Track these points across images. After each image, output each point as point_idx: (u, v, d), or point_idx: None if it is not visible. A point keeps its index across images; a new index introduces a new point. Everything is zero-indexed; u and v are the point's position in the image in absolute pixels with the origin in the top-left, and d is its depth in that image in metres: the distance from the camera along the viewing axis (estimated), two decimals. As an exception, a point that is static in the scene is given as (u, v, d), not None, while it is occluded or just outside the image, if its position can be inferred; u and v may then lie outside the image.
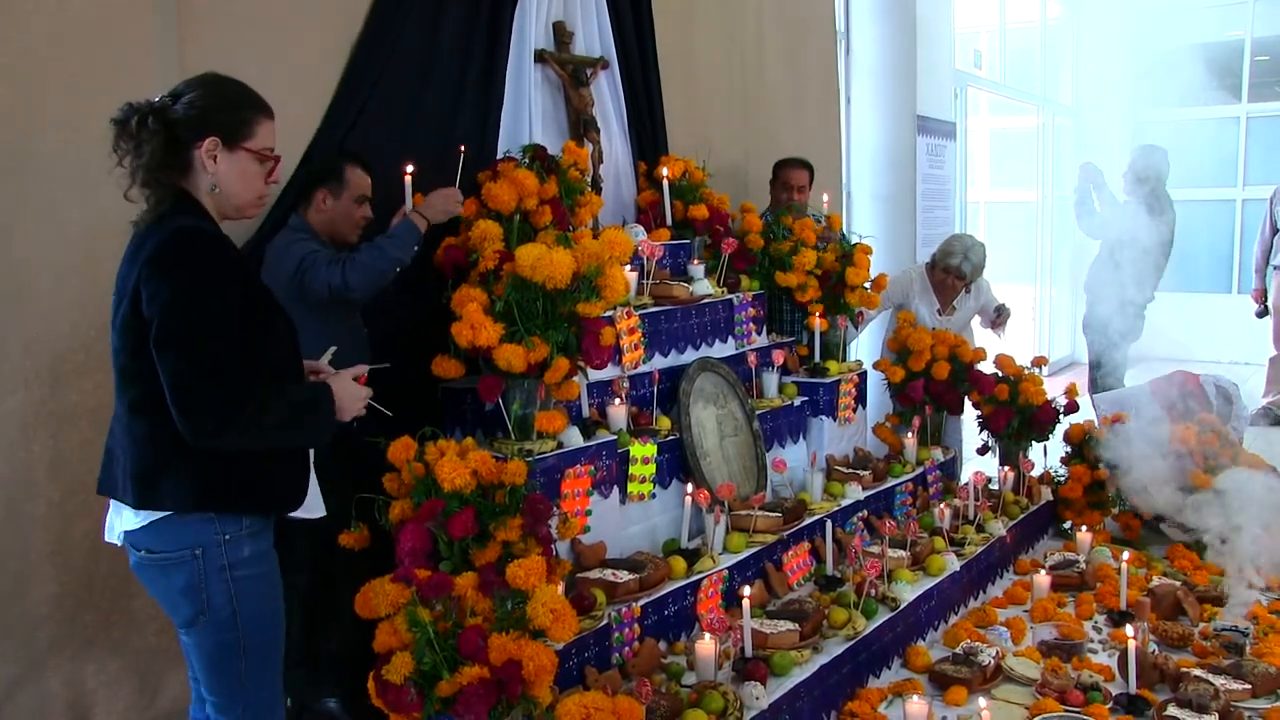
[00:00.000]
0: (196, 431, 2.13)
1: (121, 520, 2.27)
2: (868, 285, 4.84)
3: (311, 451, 2.41)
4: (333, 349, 2.61)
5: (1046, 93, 10.70)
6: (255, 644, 2.31)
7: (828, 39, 6.38)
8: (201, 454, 2.17)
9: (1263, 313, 7.88)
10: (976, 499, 4.52)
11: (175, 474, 2.19)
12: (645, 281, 3.99)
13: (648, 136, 4.67)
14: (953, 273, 5.37)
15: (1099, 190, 6.67)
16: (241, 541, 2.27)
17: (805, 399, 4.56)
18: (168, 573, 2.24)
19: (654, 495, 3.72)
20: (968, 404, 5.16)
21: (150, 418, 2.18)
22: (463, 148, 3.53)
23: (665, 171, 4.41)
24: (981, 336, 5.69)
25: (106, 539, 2.34)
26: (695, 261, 4.34)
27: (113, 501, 2.31)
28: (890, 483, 4.56)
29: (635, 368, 3.83)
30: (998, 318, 5.54)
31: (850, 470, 4.47)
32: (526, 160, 3.70)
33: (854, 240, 4.92)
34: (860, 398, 4.82)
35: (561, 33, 4.17)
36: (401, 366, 2.94)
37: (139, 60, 2.92)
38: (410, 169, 3.41)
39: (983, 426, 5.17)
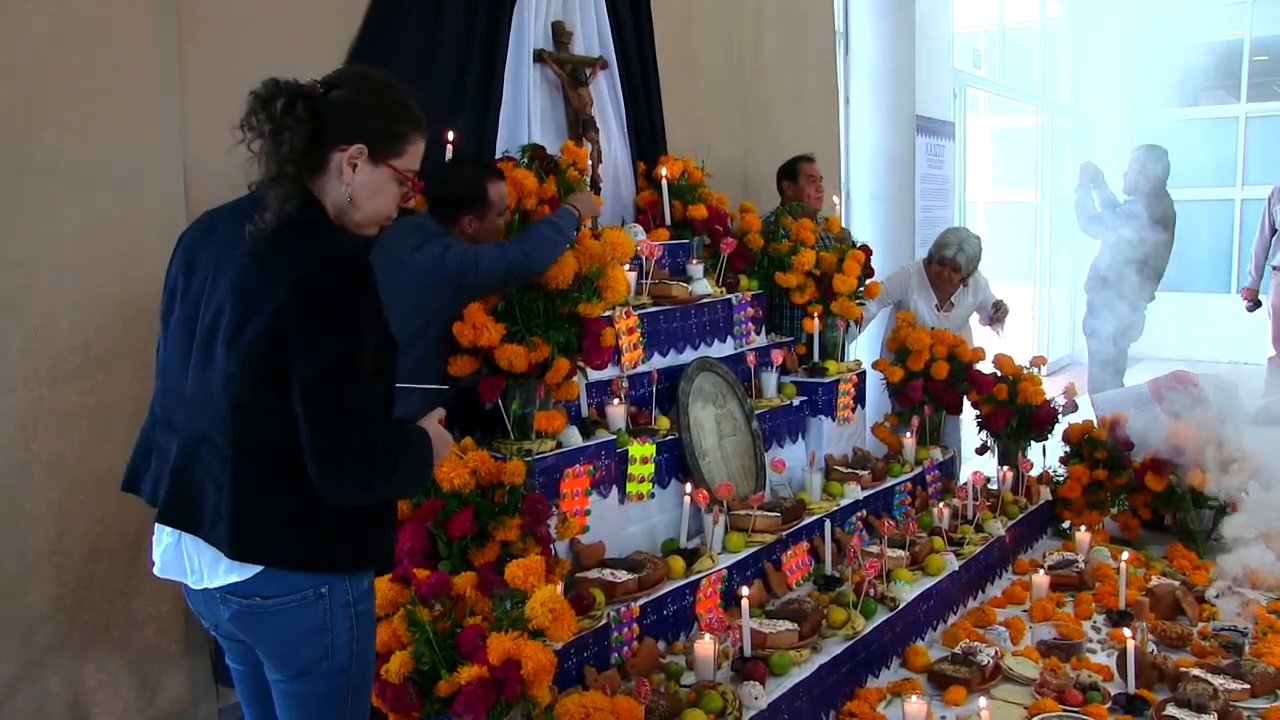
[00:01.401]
0: (341, 489, 1.90)
1: (221, 568, 1.94)
2: (859, 292, 4.80)
3: None
4: (446, 389, 2.64)
5: (1045, 92, 10.70)
6: (359, 684, 2.08)
7: (827, 39, 6.38)
8: (322, 510, 1.92)
9: (1253, 308, 7.87)
10: (975, 499, 4.52)
11: (291, 531, 1.92)
12: (644, 281, 3.99)
13: (646, 136, 4.67)
14: (948, 265, 5.37)
15: (1099, 190, 6.67)
16: (360, 576, 2.04)
17: (804, 399, 4.56)
18: (289, 617, 1.95)
19: (653, 495, 3.72)
20: (966, 404, 5.17)
21: (266, 464, 1.90)
22: (451, 135, 3.51)
23: (664, 171, 4.41)
24: (981, 335, 5.69)
25: (189, 583, 2.01)
26: (694, 261, 4.34)
27: (189, 538, 1.97)
28: (889, 482, 4.56)
29: (634, 367, 3.83)
30: (996, 314, 5.55)
31: (849, 470, 4.47)
32: (525, 160, 3.71)
33: (857, 242, 4.92)
34: (859, 397, 4.83)
35: (560, 33, 4.17)
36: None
37: (139, 60, 2.92)
38: (451, 135, 3.45)
39: (981, 426, 5.17)
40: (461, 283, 3.07)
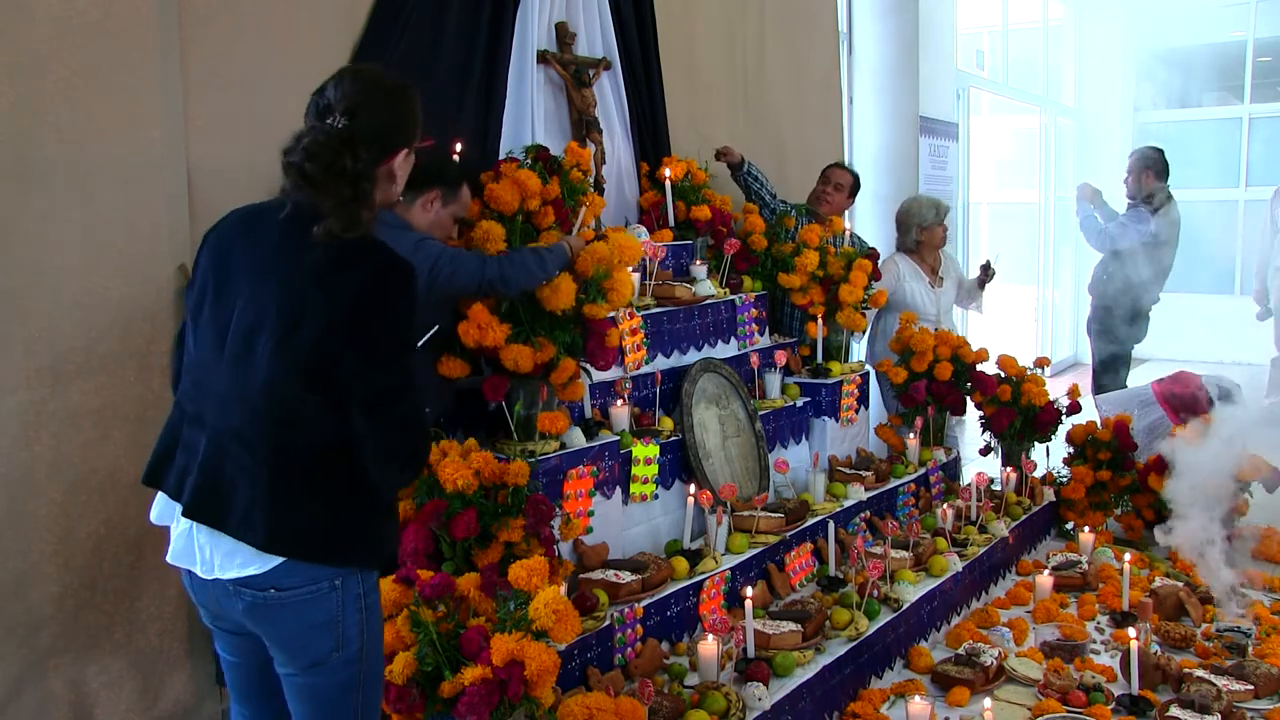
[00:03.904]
0: (400, 483, 2.16)
1: (235, 561, 1.99)
2: (864, 301, 4.80)
3: None
4: (435, 327, 2.63)
5: (1049, 93, 10.69)
6: (371, 676, 2.14)
7: (830, 39, 6.37)
8: (351, 507, 2.03)
9: (1265, 315, 7.87)
10: (979, 500, 4.52)
11: (324, 527, 2.00)
12: (648, 282, 3.99)
13: (650, 137, 4.67)
14: (939, 223, 5.54)
15: (1099, 208, 6.68)
16: (371, 570, 2.13)
17: (807, 400, 4.56)
18: (303, 609, 2.01)
19: (656, 496, 3.72)
20: (970, 405, 5.16)
21: (304, 462, 1.98)
22: (459, 145, 3.52)
23: (668, 172, 4.41)
24: (980, 335, 5.71)
25: (198, 572, 2.06)
26: (698, 262, 4.34)
27: (202, 530, 2.02)
28: (893, 483, 4.56)
29: (638, 368, 3.83)
30: (984, 275, 5.69)
31: (853, 471, 4.47)
32: (529, 161, 3.70)
33: (867, 244, 4.92)
34: (863, 398, 4.82)
35: (564, 34, 4.17)
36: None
37: (142, 60, 2.91)
38: (459, 146, 3.45)
39: (985, 427, 5.17)
40: (435, 279, 3.05)
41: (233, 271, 2.04)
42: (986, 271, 5.66)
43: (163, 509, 2.13)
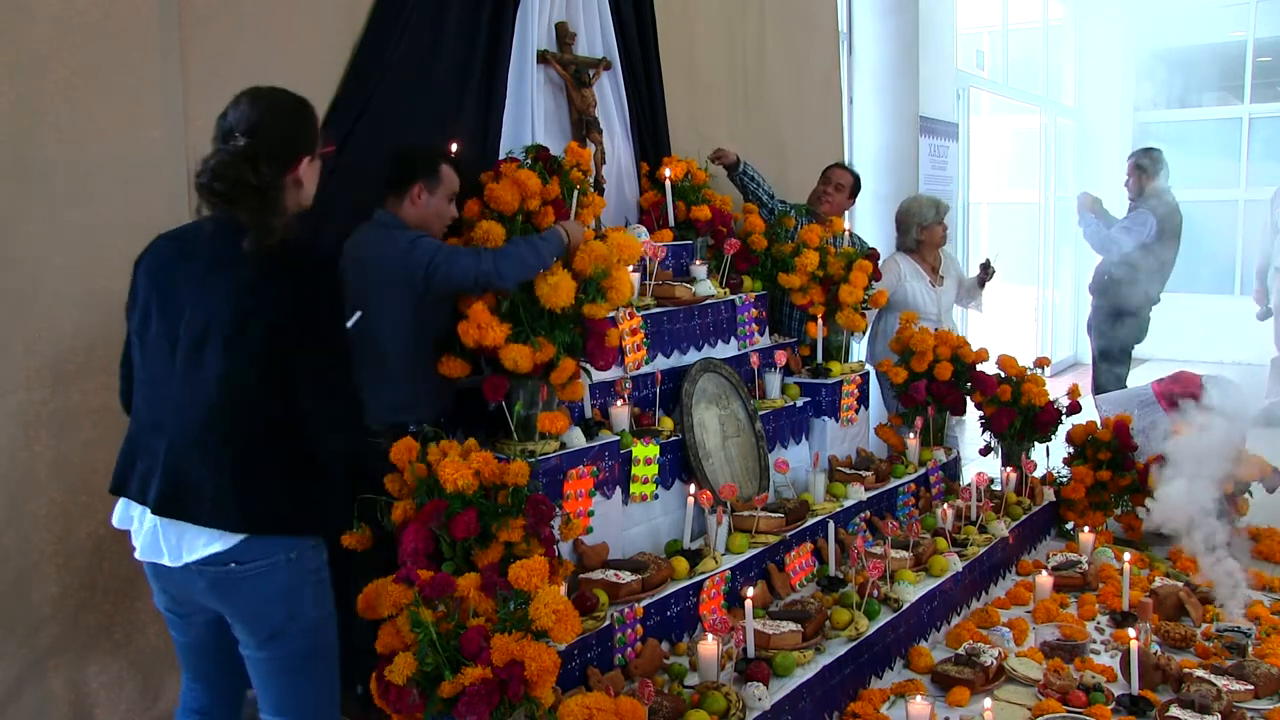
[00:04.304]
0: (341, 449, 2.33)
1: (199, 544, 2.20)
2: (864, 302, 4.80)
3: None
4: (358, 313, 2.68)
5: (1049, 93, 10.69)
6: (328, 647, 2.36)
7: (830, 39, 6.37)
8: (308, 479, 2.26)
9: (1265, 315, 7.87)
10: (979, 500, 4.52)
11: (289, 500, 2.23)
12: (648, 282, 3.99)
13: (650, 137, 4.67)
14: (939, 221, 5.54)
15: (1100, 216, 6.69)
16: (320, 546, 2.34)
17: (807, 400, 4.56)
18: (261, 580, 2.22)
19: (656, 496, 3.72)
20: (970, 405, 5.16)
21: (264, 443, 2.21)
22: (454, 146, 3.52)
23: (668, 172, 4.41)
24: (980, 335, 5.71)
25: (164, 563, 2.24)
26: (698, 262, 4.34)
27: (169, 524, 2.21)
28: (893, 483, 4.56)
29: (638, 368, 3.83)
30: (984, 274, 5.69)
31: (853, 471, 4.47)
32: (529, 161, 3.70)
33: (867, 244, 4.92)
34: (863, 398, 4.82)
35: (564, 33, 4.17)
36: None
37: (142, 60, 2.92)
38: (454, 146, 3.46)
39: (985, 427, 5.17)
40: (432, 277, 3.08)
41: (174, 289, 2.25)
42: (986, 270, 5.67)
43: (122, 513, 2.33)
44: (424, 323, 3.17)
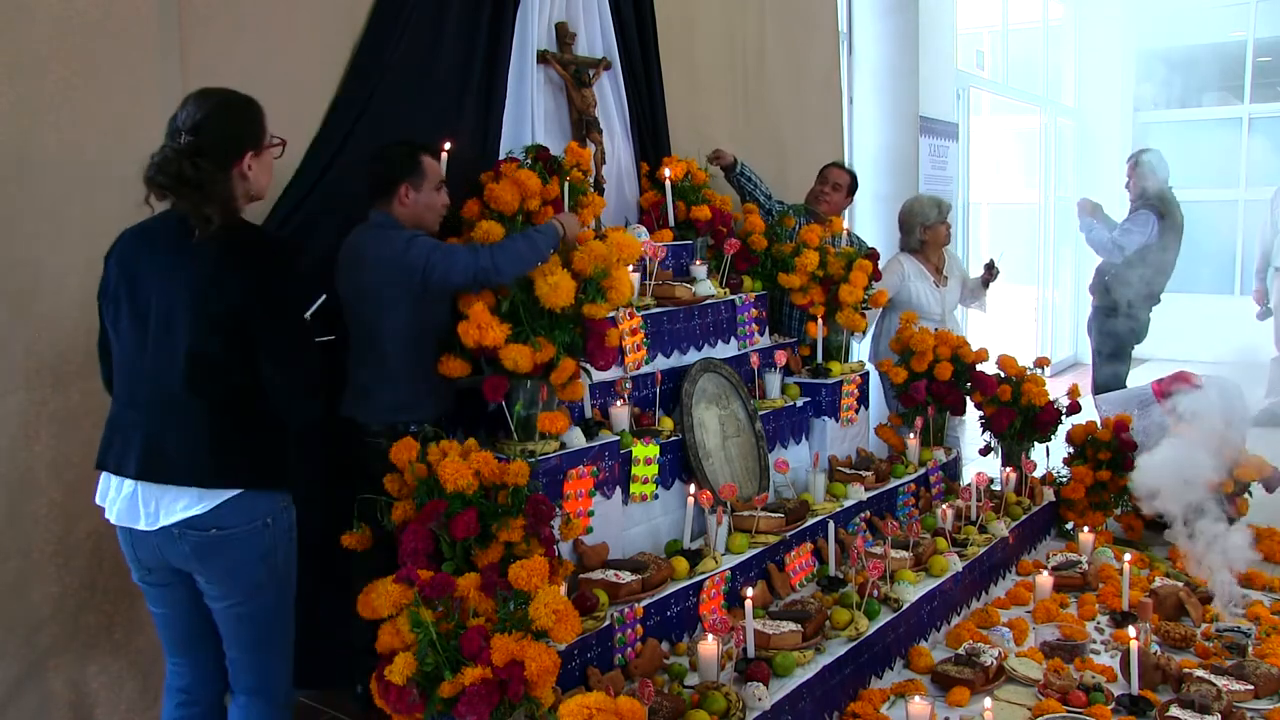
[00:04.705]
0: (306, 414, 2.55)
1: (177, 506, 2.40)
2: (864, 302, 4.80)
3: None
4: (323, 296, 2.70)
5: (1049, 93, 10.69)
6: (289, 601, 2.60)
7: (830, 39, 6.38)
8: (267, 439, 2.49)
9: (1264, 314, 7.87)
10: (979, 500, 4.52)
11: (252, 457, 2.46)
12: (648, 282, 3.99)
13: (650, 137, 4.67)
14: (942, 220, 5.54)
15: (1100, 221, 6.68)
16: (290, 507, 2.57)
17: (807, 400, 4.56)
18: (242, 545, 2.44)
19: (656, 496, 3.72)
20: (970, 405, 5.16)
21: (229, 408, 2.43)
22: (446, 145, 3.51)
23: (668, 172, 4.41)
24: (980, 335, 5.71)
25: (140, 527, 2.42)
26: (698, 262, 4.34)
27: (146, 485, 2.41)
28: (893, 483, 4.56)
29: (638, 368, 3.83)
30: (988, 274, 5.70)
31: (853, 471, 4.47)
32: (529, 161, 3.71)
33: (866, 245, 4.92)
34: (862, 398, 4.82)
35: (564, 34, 4.17)
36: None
37: (142, 59, 2.92)
38: (448, 145, 3.45)
39: (985, 427, 5.17)
40: (429, 275, 3.07)
41: (141, 277, 2.44)
42: (991, 270, 5.66)
43: (103, 487, 2.51)
44: (424, 323, 3.18)
